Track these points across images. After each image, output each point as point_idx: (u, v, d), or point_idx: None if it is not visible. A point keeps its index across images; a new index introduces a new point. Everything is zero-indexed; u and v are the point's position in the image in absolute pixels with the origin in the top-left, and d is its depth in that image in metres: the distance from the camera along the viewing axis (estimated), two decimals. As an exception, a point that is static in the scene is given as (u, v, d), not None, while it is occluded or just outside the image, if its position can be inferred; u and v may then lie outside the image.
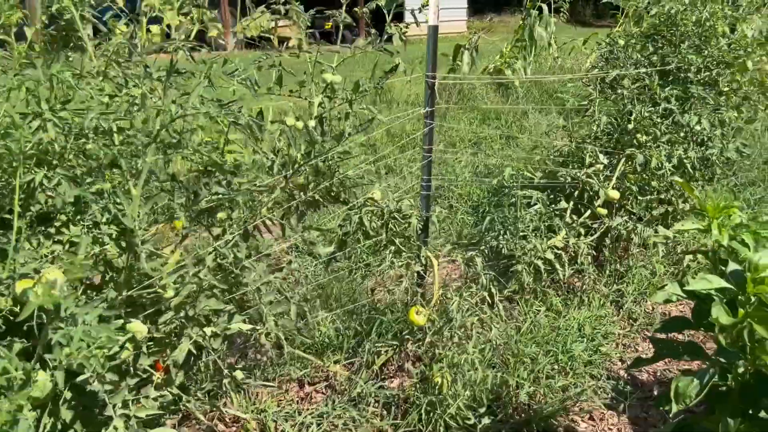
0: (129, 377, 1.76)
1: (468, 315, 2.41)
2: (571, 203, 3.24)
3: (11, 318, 1.43)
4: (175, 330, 1.97)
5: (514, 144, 5.80)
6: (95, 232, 1.45)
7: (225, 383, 1.89)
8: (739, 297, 1.54)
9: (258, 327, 2.05)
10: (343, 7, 2.23)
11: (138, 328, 1.64)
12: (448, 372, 2.34)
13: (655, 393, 2.73)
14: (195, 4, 2.18)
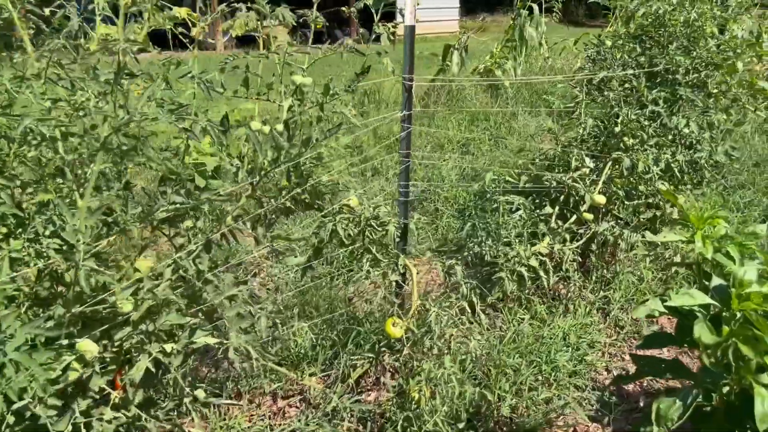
0: (81, 398, 1.67)
1: (446, 326, 2.32)
2: (557, 208, 3.15)
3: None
4: (136, 346, 1.87)
5: (503, 146, 5.72)
6: (36, 246, 1.35)
7: (186, 402, 1.79)
8: (724, 313, 1.46)
9: (225, 341, 1.95)
10: (314, 6, 2.13)
11: (88, 347, 1.55)
12: (426, 386, 2.25)
13: (641, 404, 2.64)
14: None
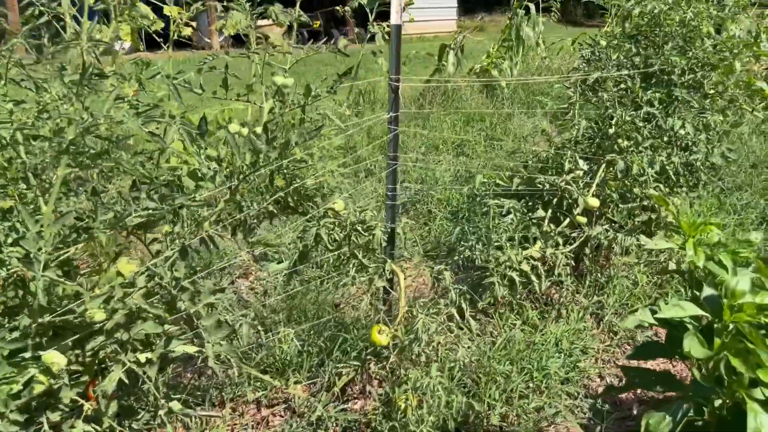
0: (51, 411, 1.61)
1: (434, 333, 2.26)
2: (550, 212, 3.09)
3: None
4: (111, 355, 1.81)
5: (498, 147, 5.66)
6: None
7: (160, 414, 1.73)
8: (716, 325, 1.40)
9: (204, 349, 1.90)
10: (297, 5, 2.07)
11: (55, 359, 1.49)
12: (412, 395, 2.19)
13: (635, 412, 2.59)
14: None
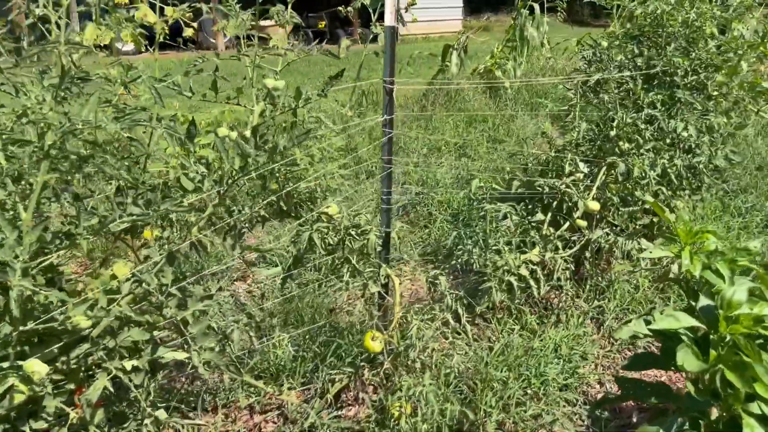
0: (34, 421, 1.58)
1: (429, 340, 2.23)
2: (549, 215, 3.05)
3: None
4: (99, 362, 1.78)
5: (500, 148, 5.62)
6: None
7: (147, 424, 1.70)
8: (712, 336, 1.36)
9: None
10: (289, 6, 2.04)
11: (35, 367, 1.46)
12: (406, 402, 2.16)
13: (634, 420, 2.54)
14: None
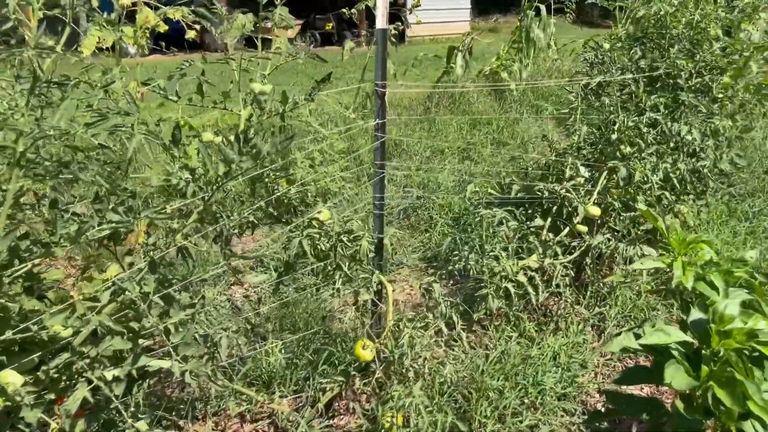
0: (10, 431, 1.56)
1: (422, 349, 2.18)
2: (549, 220, 2.99)
3: None
4: (80, 371, 1.75)
5: (504, 151, 5.57)
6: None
7: (128, 435, 1.67)
8: (704, 351, 1.30)
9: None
10: (278, 8, 2.00)
11: (10, 378, 1.43)
12: (397, 413, 2.11)
13: (634, 431, 2.48)
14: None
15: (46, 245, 1.44)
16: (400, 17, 7.38)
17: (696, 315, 1.34)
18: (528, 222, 2.99)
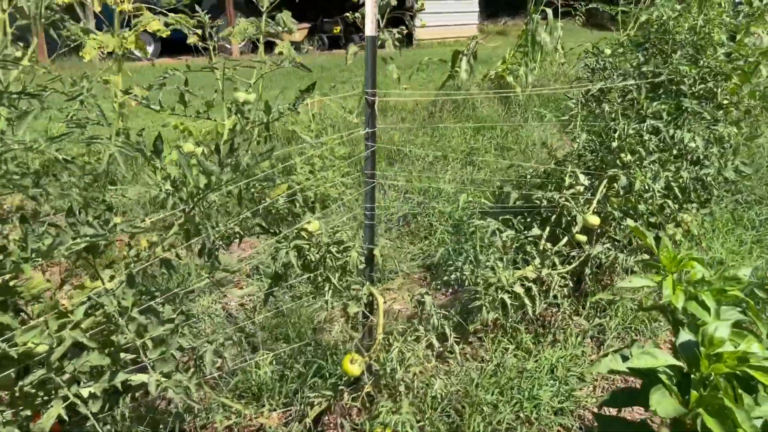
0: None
1: (412, 363, 2.13)
2: (547, 229, 2.93)
3: None
4: (57, 387, 1.72)
5: (508, 157, 5.51)
6: None
7: (103, 453, 1.63)
8: (693, 375, 1.25)
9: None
10: (264, 13, 1.97)
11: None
12: (387, 429, 2.06)
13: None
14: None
15: (15, 261, 1.41)
16: (404, 21, 7.35)
17: (685, 337, 1.28)
18: (526, 231, 2.93)
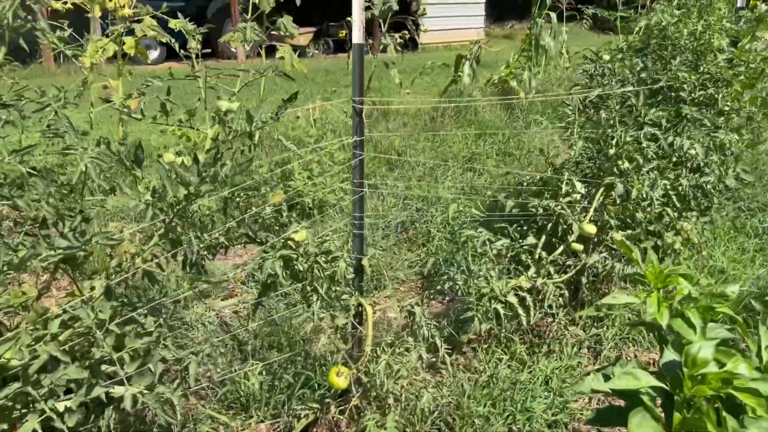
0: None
1: (400, 376, 2.09)
2: (543, 238, 2.89)
3: None
4: (34, 400, 1.69)
5: (510, 162, 5.46)
6: None
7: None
8: (676, 397, 1.20)
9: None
10: (249, 18, 1.94)
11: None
12: (374, 442, 2.03)
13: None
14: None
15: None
16: (405, 25, 7.32)
17: (669, 356, 1.24)
18: (522, 240, 2.89)
